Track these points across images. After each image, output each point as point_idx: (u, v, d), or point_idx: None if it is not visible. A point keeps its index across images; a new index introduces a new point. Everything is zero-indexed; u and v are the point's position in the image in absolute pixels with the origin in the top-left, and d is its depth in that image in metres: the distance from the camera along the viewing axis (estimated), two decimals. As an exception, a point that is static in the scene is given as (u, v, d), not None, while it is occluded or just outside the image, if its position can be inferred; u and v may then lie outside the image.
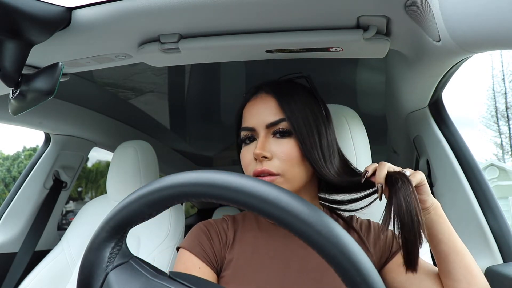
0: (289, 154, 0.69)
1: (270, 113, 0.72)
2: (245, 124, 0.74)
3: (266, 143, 0.70)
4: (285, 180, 0.69)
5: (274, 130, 0.71)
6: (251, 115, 0.74)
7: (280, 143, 0.70)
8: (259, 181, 0.39)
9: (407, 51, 0.82)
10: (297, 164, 0.70)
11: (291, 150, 0.69)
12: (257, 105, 0.74)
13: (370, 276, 0.36)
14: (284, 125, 0.71)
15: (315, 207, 0.38)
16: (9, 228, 1.45)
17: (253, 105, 0.75)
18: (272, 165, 0.69)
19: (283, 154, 0.69)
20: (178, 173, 0.41)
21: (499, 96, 21.22)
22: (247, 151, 0.73)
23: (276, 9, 0.66)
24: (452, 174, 1.01)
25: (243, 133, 0.74)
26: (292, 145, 0.70)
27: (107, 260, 0.43)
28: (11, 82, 0.64)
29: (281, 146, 0.70)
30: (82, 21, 0.68)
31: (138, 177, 1.31)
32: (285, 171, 0.69)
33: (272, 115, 0.71)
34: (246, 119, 0.75)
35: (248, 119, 0.74)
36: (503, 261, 0.90)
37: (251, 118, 0.74)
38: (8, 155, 17.05)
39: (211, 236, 0.73)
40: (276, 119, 0.71)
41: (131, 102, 1.62)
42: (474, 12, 0.45)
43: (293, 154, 0.69)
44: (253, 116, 0.73)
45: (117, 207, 0.43)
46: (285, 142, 0.70)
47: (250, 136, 0.74)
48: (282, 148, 0.70)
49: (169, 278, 0.42)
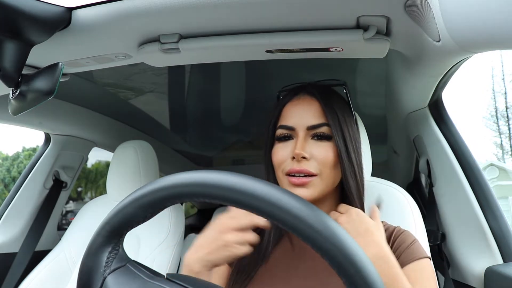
0: (327, 157, 0.71)
1: (313, 116, 0.73)
2: (285, 122, 0.75)
3: (305, 144, 0.71)
4: (321, 180, 0.71)
5: (314, 133, 0.72)
6: (292, 115, 0.74)
7: (318, 146, 0.72)
8: (258, 180, 0.39)
9: (407, 51, 0.82)
10: (333, 167, 0.71)
11: (329, 154, 0.71)
12: (300, 105, 0.75)
13: (365, 268, 0.36)
14: (325, 129, 0.72)
15: (315, 207, 0.38)
16: (9, 228, 1.45)
17: (296, 105, 0.75)
18: (311, 166, 0.70)
19: (321, 156, 0.71)
20: (171, 174, 0.42)
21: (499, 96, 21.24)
22: (281, 148, 0.73)
23: (276, 9, 0.66)
24: (452, 174, 1.01)
25: (281, 131, 0.75)
26: (329, 148, 0.71)
27: (105, 265, 0.43)
28: (11, 82, 0.64)
29: (319, 148, 0.71)
30: (82, 21, 0.68)
31: (138, 177, 1.31)
32: (322, 172, 0.70)
33: (315, 118, 0.73)
34: (286, 117, 0.75)
35: (288, 118, 0.75)
36: (503, 261, 0.90)
37: (292, 117, 0.74)
38: (7, 155, 17.06)
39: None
40: (318, 122, 0.72)
41: (131, 102, 1.62)
42: (474, 12, 0.45)
43: (329, 158, 0.71)
44: (294, 116, 0.74)
45: (112, 212, 0.44)
46: (323, 145, 0.72)
47: (288, 135, 0.74)
48: (321, 150, 0.71)
49: (166, 280, 0.43)
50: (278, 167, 0.73)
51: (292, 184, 0.70)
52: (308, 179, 0.69)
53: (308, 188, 0.70)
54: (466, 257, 0.98)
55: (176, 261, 1.25)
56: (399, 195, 0.88)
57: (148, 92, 1.56)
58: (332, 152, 0.71)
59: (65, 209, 2.83)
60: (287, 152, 0.72)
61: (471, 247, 0.97)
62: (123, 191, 1.31)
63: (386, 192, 0.88)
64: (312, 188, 0.70)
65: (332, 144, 0.72)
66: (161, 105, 1.71)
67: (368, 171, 0.89)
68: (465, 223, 0.98)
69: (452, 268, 1.07)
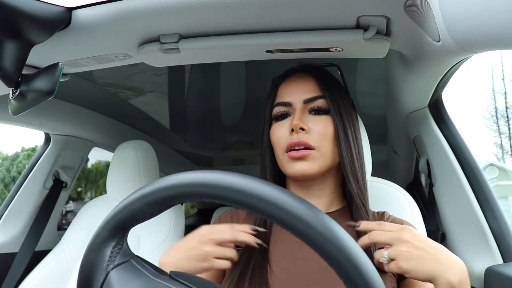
0: (325, 130, 0.70)
1: (308, 89, 0.73)
2: (281, 99, 0.75)
3: (303, 117, 0.71)
4: (320, 154, 0.70)
5: (311, 106, 0.72)
6: (287, 91, 0.74)
7: (316, 120, 0.71)
8: (261, 181, 0.39)
9: (407, 51, 0.82)
10: (332, 141, 0.71)
11: (327, 127, 0.71)
12: (295, 81, 0.75)
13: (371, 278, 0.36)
14: (321, 102, 0.72)
15: (315, 207, 0.38)
16: (9, 228, 1.45)
17: (291, 82, 0.75)
18: (308, 138, 0.69)
19: (319, 129, 0.70)
20: (180, 173, 0.41)
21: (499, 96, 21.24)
22: (279, 126, 0.73)
23: (276, 9, 0.66)
24: (452, 174, 1.01)
25: (277, 109, 0.75)
26: (327, 122, 0.71)
27: (108, 259, 0.43)
28: (11, 82, 0.64)
29: (317, 122, 0.71)
30: (82, 21, 0.68)
31: (138, 177, 1.31)
32: (321, 146, 0.70)
33: (311, 92, 0.72)
34: (282, 95, 0.75)
35: (284, 95, 0.75)
36: (503, 261, 0.90)
37: (287, 94, 0.74)
38: (7, 155, 17.05)
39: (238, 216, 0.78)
40: (314, 95, 0.72)
41: (131, 102, 1.62)
42: (474, 12, 0.45)
43: (328, 131, 0.70)
44: (290, 91, 0.74)
45: (119, 206, 0.43)
46: (321, 119, 0.71)
47: (285, 112, 0.74)
48: (319, 123, 0.71)
49: (170, 278, 0.42)
50: (278, 146, 0.73)
51: (291, 159, 0.69)
52: (307, 151, 0.69)
53: (307, 161, 0.69)
54: (466, 257, 0.98)
55: (176, 261, 1.25)
56: (399, 195, 0.88)
57: (148, 92, 1.55)
58: (331, 125, 0.71)
59: (65, 209, 2.83)
60: (286, 128, 0.72)
61: (471, 247, 0.97)
62: (123, 191, 1.31)
63: (386, 192, 0.89)
64: (311, 161, 0.69)
65: (330, 118, 0.72)
66: (161, 105, 1.71)
67: (368, 171, 0.89)
68: (465, 223, 0.98)
69: (452, 268, 1.07)
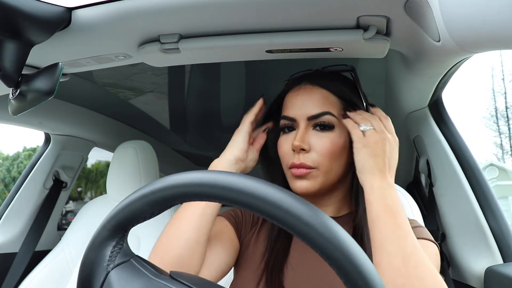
0: (327, 148, 0.70)
1: (313, 105, 0.72)
2: (286, 113, 0.75)
3: (305, 135, 0.71)
4: (321, 173, 0.70)
5: (315, 122, 0.71)
6: (292, 105, 0.74)
7: (319, 137, 0.71)
8: (263, 182, 0.38)
9: (407, 51, 0.82)
10: (334, 158, 0.70)
11: (330, 145, 0.70)
12: (300, 95, 0.74)
13: (371, 278, 0.36)
14: (327, 118, 0.71)
15: (317, 209, 0.38)
16: (9, 228, 1.45)
17: (296, 95, 0.74)
18: (309, 158, 0.70)
19: (321, 148, 0.70)
20: (180, 172, 0.41)
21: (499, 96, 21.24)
22: (285, 140, 0.74)
23: (276, 9, 0.66)
24: (452, 174, 1.01)
25: (283, 122, 0.75)
26: (331, 139, 0.70)
27: (108, 259, 0.43)
28: (11, 82, 0.64)
29: (320, 139, 0.70)
30: (82, 21, 0.68)
31: (138, 177, 1.31)
32: (321, 165, 0.70)
33: (315, 108, 0.71)
34: (287, 108, 0.75)
35: (289, 109, 0.74)
36: (503, 261, 0.90)
37: (292, 108, 0.74)
38: (7, 155, 17.05)
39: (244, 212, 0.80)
40: (319, 111, 0.71)
41: (131, 102, 1.62)
42: (474, 12, 0.45)
43: (331, 149, 0.70)
44: (295, 106, 0.73)
45: (119, 206, 0.43)
46: (324, 136, 0.71)
47: (290, 125, 0.74)
48: (322, 141, 0.70)
49: (170, 278, 0.42)
50: (283, 159, 0.74)
51: (293, 176, 0.71)
52: (307, 170, 0.69)
53: (308, 179, 0.70)
54: (466, 257, 0.98)
55: (176, 261, 1.25)
56: (399, 195, 0.88)
57: (148, 92, 1.55)
58: (332, 143, 0.70)
59: (65, 209, 2.83)
60: (290, 143, 0.72)
61: (471, 247, 0.97)
62: (123, 191, 1.31)
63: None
64: (312, 179, 0.70)
65: (335, 134, 0.71)
66: (161, 105, 1.71)
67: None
68: (465, 223, 0.98)
69: (452, 268, 1.07)
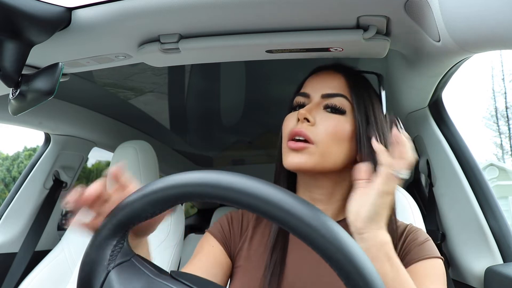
0: (332, 128, 0.66)
1: (331, 85, 0.70)
2: (302, 90, 0.73)
3: (314, 110, 0.68)
4: (318, 151, 0.66)
5: (328, 103, 0.69)
6: (311, 84, 0.73)
7: (328, 116, 0.68)
8: (265, 183, 0.38)
9: (407, 51, 0.82)
10: (336, 141, 0.67)
11: (335, 127, 0.67)
12: (322, 76, 0.73)
13: (372, 279, 0.36)
14: (340, 101, 0.68)
15: (319, 210, 0.38)
16: (9, 228, 1.45)
17: (318, 76, 0.74)
18: (310, 130, 0.66)
19: (326, 126, 0.67)
20: (181, 172, 0.41)
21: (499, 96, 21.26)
22: (292, 115, 0.71)
23: (276, 9, 0.66)
24: (452, 174, 1.01)
25: (296, 99, 0.73)
26: (339, 121, 0.67)
27: (109, 258, 0.43)
28: (11, 82, 0.64)
29: (328, 119, 0.67)
30: (82, 21, 0.68)
31: (138, 177, 1.31)
32: (321, 142, 0.66)
33: (332, 88, 0.70)
34: (305, 86, 0.74)
35: (307, 86, 0.74)
36: (503, 261, 0.90)
37: (310, 86, 0.73)
38: (7, 155, 17.06)
39: (232, 221, 0.76)
40: (334, 92, 0.69)
41: (131, 102, 1.62)
42: (474, 12, 0.45)
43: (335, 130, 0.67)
44: (313, 84, 0.73)
45: (120, 205, 0.43)
46: (333, 118, 0.68)
47: (302, 103, 0.72)
48: (328, 121, 0.67)
49: (171, 278, 0.42)
50: (284, 134, 0.71)
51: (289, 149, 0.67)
52: (305, 144, 0.66)
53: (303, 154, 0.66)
54: (466, 257, 0.98)
55: (176, 261, 1.25)
56: (399, 195, 0.88)
57: (148, 92, 1.55)
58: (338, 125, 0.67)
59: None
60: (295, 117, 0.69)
61: (471, 247, 0.97)
62: (123, 191, 1.31)
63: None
64: (307, 155, 0.66)
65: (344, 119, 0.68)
66: (161, 105, 1.71)
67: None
68: (465, 223, 0.98)
69: (452, 268, 1.07)
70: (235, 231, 0.75)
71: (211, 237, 0.74)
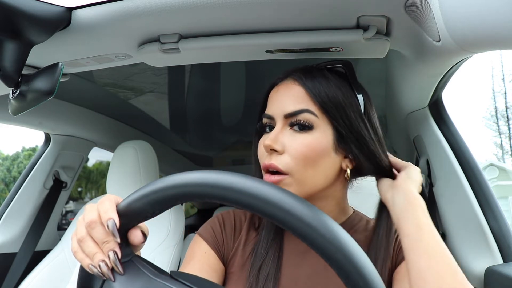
0: (302, 152, 0.62)
1: (291, 102, 0.64)
2: (266, 110, 0.69)
3: (280, 135, 0.64)
4: (294, 181, 0.62)
5: (292, 121, 0.64)
6: (272, 102, 0.68)
7: (295, 137, 0.63)
8: (264, 183, 0.38)
9: (407, 51, 0.82)
10: (309, 165, 0.62)
11: (305, 148, 0.62)
12: (280, 91, 0.68)
13: (371, 279, 0.36)
14: (305, 116, 0.63)
15: (319, 210, 0.38)
16: (9, 228, 1.45)
17: (277, 91, 0.69)
18: (281, 161, 0.62)
19: (295, 150, 0.62)
20: (181, 172, 0.41)
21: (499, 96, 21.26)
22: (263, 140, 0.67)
23: (276, 9, 0.66)
24: (452, 174, 1.01)
25: (264, 120, 0.69)
26: (307, 141, 0.62)
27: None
28: (11, 82, 0.64)
29: (295, 140, 0.63)
30: (82, 21, 0.68)
31: (138, 177, 1.31)
32: (295, 171, 0.62)
33: (293, 104, 0.64)
34: (268, 105, 0.69)
35: (269, 105, 0.69)
36: (503, 261, 0.90)
37: (271, 105, 0.68)
38: (7, 155, 17.06)
39: (224, 224, 0.73)
40: (296, 109, 0.63)
41: (131, 102, 1.62)
42: (474, 12, 0.45)
43: (305, 153, 0.62)
44: (273, 103, 0.67)
45: (120, 206, 0.43)
46: (301, 137, 0.63)
47: (269, 124, 0.68)
48: (296, 143, 0.62)
49: (170, 278, 0.42)
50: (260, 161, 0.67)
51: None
52: (279, 177, 0.62)
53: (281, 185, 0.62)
54: (466, 257, 0.98)
55: (176, 261, 1.25)
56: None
57: (148, 92, 1.55)
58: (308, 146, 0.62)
59: (65, 209, 2.83)
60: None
61: (471, 247, 0.97)
62: (123, 191, 1.31)
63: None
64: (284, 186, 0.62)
65: (313, 136, 0.63)
66: (161, 105, 1.71)
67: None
68: (465, 223, 0.98)
69: (452, 268, 1.07)
70: (228, 235, 0.72)
71: (203, 242, 0.71)
